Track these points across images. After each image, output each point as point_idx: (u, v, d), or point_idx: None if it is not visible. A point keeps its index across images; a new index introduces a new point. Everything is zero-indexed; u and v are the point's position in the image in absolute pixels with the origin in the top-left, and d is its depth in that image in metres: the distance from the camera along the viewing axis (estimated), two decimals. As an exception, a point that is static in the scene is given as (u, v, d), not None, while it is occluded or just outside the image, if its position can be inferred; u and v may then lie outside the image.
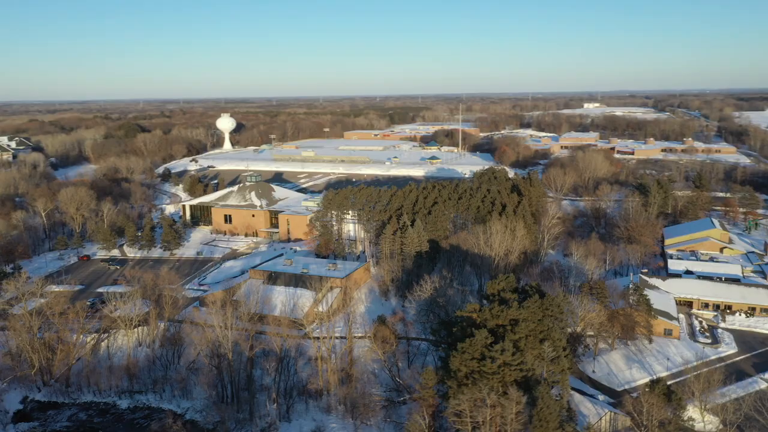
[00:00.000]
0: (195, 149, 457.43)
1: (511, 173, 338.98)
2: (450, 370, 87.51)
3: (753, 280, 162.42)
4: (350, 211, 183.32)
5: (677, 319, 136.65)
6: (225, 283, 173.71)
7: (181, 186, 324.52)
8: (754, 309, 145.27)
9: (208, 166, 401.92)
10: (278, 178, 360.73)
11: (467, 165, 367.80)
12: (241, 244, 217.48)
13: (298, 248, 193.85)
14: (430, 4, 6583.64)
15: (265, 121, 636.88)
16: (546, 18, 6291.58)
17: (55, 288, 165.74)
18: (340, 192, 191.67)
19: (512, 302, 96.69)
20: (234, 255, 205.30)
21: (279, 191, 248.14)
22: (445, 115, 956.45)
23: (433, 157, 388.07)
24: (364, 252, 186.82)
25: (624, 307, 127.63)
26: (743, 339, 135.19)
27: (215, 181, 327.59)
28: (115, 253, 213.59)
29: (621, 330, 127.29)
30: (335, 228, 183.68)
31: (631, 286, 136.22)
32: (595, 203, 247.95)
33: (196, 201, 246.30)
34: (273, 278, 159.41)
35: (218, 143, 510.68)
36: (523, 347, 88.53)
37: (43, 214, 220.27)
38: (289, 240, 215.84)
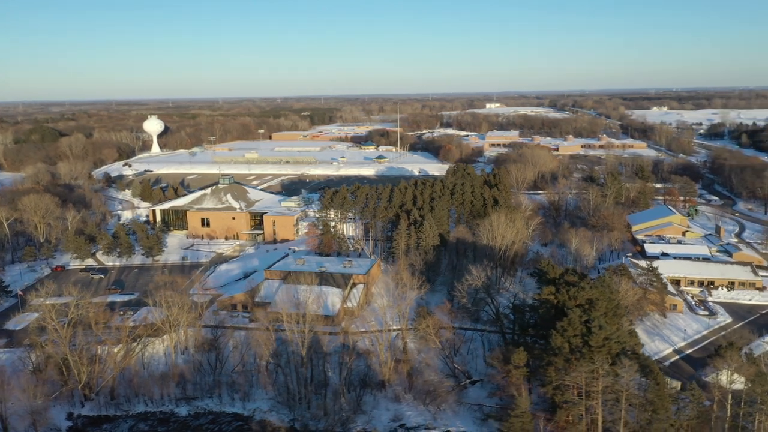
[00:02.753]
0: (125, 153, 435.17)
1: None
2: (551, 348, 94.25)
3: (720, 258, 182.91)
4: (351, 210, 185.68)
5: (679, 295, 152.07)
6: (232, 286, 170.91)
7: (128, 191, 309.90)
8: (733, 283, 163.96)
9: (145, 170, 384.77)
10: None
11: (415, 164, 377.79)
12: (225, 247, 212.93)
13: (296, 248, 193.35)
14: (327, 6, 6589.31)
15: (190, 124, 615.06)
16: (439, 21, 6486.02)
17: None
18: (339, 192, 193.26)
19: (583, 284, 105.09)
20: (222, 259, 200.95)
21: (253, 193, 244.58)
22: (362, 116, 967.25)
23: (380, 157, 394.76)
24: (363, 249, 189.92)
25: (642, 286, 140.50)
26: (731, 310, 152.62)
27: (162, 185, 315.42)
28: (90, 261, 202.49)
29: (637, 306, 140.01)
30: (338, 227, 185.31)
31: (645, 266, 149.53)
32: (552, 196, 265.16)
33: (167, 205, 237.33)
34: (292, 278, 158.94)
35: (145, 146, 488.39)
36: (606, 323, 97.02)
37: (5, 224, 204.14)
38: (275, 241, 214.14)
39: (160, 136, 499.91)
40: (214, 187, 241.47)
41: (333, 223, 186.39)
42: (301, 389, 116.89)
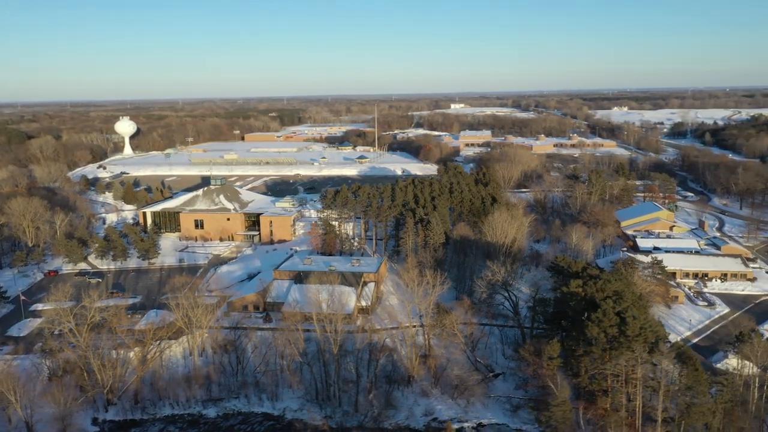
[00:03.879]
0: (98, 155, 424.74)
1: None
2: (586, 339, 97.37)
3: (709, 251, 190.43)
4: (354, 209, 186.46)
5: (678, 287, 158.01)
6: (238, 287, 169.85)
7: (108, 193, 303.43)
8: (726, 275, 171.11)
9: (121, 173, 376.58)
10: (208, 182, 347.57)
11: (396, 163, 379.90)
12: (221, 248, 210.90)
13: (297, 248, 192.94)
14: (288, 6, 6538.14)
15: (160, 125, 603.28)
16: (398, 22, 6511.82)
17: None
18: (340, 191, 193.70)
19: (607, 277, 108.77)
20: (220, 260, 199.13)
21: (244, 194, 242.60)
22: (330, 116, 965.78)
23: (361, 157, 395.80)
24: (365, 249, 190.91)
25: (647, 278, 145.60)
26: (727, 300, 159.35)
27: (143, 188, 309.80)
28: (83, 266, 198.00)
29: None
30: (341, 227, 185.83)
31: (649, 260, 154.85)
32: (538, 194, 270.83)
33: (159, 207, 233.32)
34: (301, 278, 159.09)
35: (116, 148, 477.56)
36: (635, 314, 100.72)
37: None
38: (272, 242, 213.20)
39: (131, 137, 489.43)
40: (205, 188, 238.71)
41: (336, 223, 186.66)
42: (329, 387, 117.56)
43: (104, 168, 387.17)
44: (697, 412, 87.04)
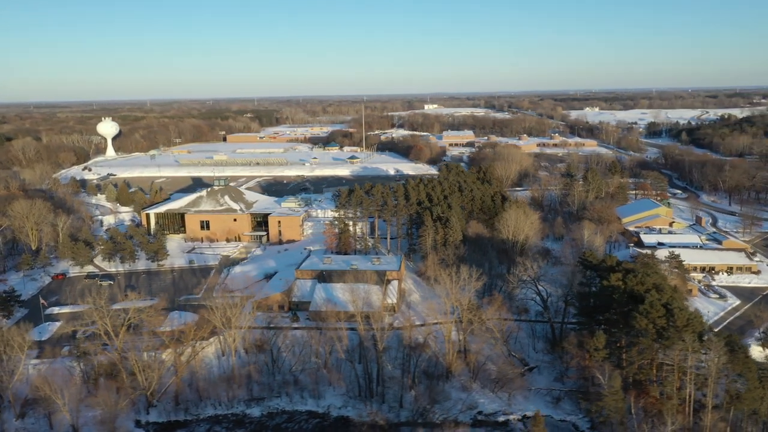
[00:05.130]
0: (81, 157, 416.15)
1: (433, 170, 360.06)
2: (633, 330, 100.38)
3: (710, 245, 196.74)
4: (369, 208, 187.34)
5: (691, 280, 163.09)
6: (257, 287, 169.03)
7: (101, 195, 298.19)
8: (731, 268, 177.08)
9: (108, 174, 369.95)
10: (199, 183, 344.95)
11: (388, 163, 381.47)
12: (229, 249, 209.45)
13: (311, 248, 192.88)
14: (258, 6, 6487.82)
15: (141, 126, 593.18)
16: (367, 25, 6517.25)
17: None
18: (354, 191, 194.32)
19: (645, 270, 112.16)
20: (230, 261, 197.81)
21: (248, 194, 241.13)
22: (307, 117, 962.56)
23: (353, 157, 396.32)
24: (378, 247, 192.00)
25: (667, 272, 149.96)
26: (735, 293, 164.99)
27: (134, 189, 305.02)
28: (90, 268, 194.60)
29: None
30: (355, 226, 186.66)
31: (668, 255, 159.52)
32: (536, 192, 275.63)
33: (163, 208, 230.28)
34: (324, 277, 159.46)
35: (98, 150, 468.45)
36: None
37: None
38: (280, 242, 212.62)
39: (113, 139, 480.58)
40: (209, 189, 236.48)
41: (351, 222, 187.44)
42: (372, 384, 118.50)
43: (89, 170, 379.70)
44: (747, 399, 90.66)
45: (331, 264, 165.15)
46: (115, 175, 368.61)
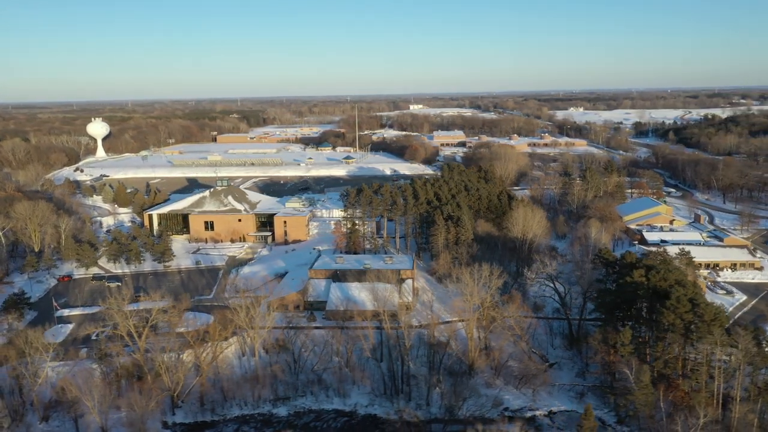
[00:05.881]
0: (72, 158, 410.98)
1: (429, 170, 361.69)
2: (659, 325, 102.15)
3: (712, 242, 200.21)
4: (378, 208, 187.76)
5: (699, 277, 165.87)
6: (271, 287, 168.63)
7: (97, 196, 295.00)
8: (735, 264, 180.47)
9: (101, 175, 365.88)
10: (195, 184, 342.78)
11: (384, 163, 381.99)
12: (235, 250, 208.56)
13: (319, 248, 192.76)
14: (236, 6, 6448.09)
15: (130, 126, 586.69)
16: (349, 22, 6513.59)
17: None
18: (363, 191, 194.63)
19: (666, 266, 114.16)
20: (237, 262, 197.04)
21: (251, 195, 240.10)
22: (295, 118, 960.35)
23: (348, 157, 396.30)
24: (387, 246, 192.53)
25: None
26: (741, 288, 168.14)
27: (130, 190, 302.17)
28: (95, 270, 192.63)
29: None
30: (365, 225, 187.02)
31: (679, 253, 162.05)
32: (536, 191, 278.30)
33: (166, 209, 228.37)
34: (338, 276, 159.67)
35: (87, 151, 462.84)
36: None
37: (0, 234, 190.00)
38: (286, 242, 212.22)
39: (103, 139, 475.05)
40: (212, 190, 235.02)
41: (360, 222, 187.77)
42: (397, 382, 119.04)
43: (81, 171, 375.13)
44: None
45: (344, 263, 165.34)
46: (107, 176, 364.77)
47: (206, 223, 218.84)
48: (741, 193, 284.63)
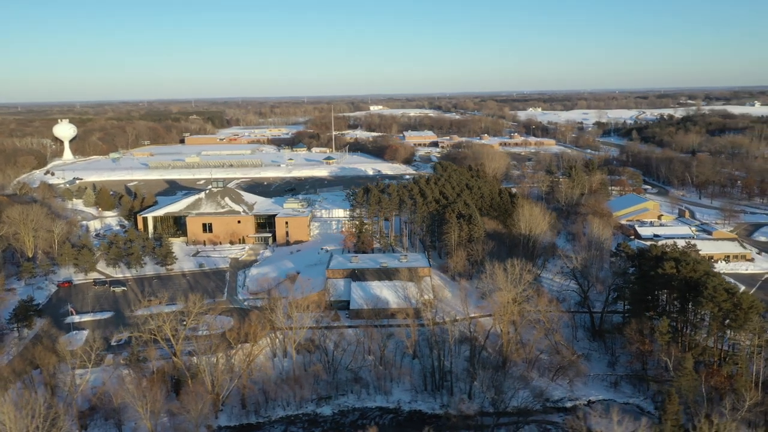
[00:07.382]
0: (41, 161, 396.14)
1: (410, 169, 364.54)
2: (695, 313, 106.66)
3: (702, 236, 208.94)
4: (387, 207, 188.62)
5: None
6: (283, 287, 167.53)
7: (78, 200, 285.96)
8: (728, 256, 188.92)
9: (74, 179, 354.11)
10: (176, 186, 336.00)
11: (365, 164, 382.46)
12: (236, 252, 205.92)
13: (327, 248, 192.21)
14: (195, 6, 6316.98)
15: (95, 128, 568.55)
16: (306, 22, 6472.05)
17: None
18: (371, 190, 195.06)
19: (694, 258, 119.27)
20: (241, 264, 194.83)
21: (246, 196, 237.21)
22: (258, 119, 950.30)
23: (329, 158, 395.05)
24: (396, 245, 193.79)
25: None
26: (736, 279, 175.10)
27: (112, 193, 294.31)
28: (95, 275, 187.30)
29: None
30: (373, 225, 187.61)
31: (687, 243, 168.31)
32: (523, 189, 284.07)
33: (162, 212, 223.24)
34: (356, 275, 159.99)
35: (53, 153, 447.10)
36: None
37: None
38: (288, 243, 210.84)
39: (70, 141, 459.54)
40: (207, 191, 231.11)
41: (369, 221, 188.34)
42: (437, 377, 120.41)
43: (52, 174, 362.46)
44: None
45: (360, 263, 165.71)
46: (81, 179, 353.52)
47: (204, 225, 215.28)
48: (714, 190, 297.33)
